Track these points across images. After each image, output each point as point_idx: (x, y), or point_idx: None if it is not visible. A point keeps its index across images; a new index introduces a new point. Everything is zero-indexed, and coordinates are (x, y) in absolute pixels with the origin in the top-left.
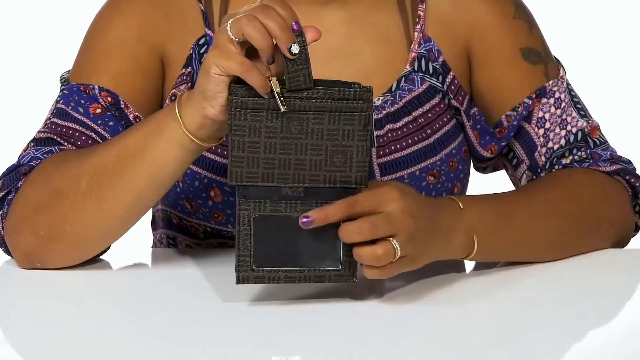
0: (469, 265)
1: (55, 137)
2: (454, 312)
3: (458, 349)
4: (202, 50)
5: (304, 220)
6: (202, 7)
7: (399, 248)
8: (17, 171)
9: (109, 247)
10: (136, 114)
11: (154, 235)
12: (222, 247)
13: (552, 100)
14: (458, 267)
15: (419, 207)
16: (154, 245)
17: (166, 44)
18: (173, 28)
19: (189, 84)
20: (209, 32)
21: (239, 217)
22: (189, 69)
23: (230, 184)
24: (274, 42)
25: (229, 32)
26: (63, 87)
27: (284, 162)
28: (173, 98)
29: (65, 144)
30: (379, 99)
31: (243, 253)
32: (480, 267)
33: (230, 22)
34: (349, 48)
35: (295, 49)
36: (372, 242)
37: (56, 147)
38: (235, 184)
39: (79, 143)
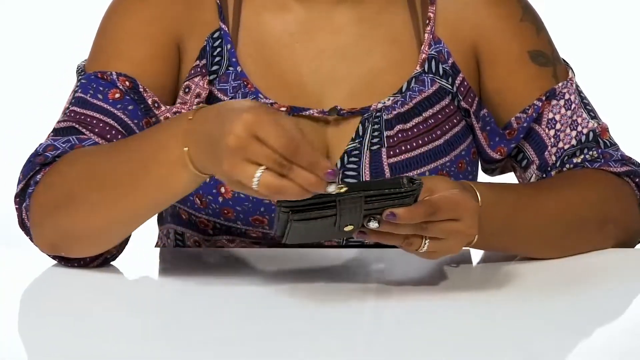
0: (474, 260)
1: (74, 125)
2: (457, 312)
3: (460, 348)
4: (216, 44)
5: (389, 215)
6: (218, 1)
7: (425, 247)
8: (34, 161)
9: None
10: (155, 98)
11: (160, 230)
12: (226, 248)
13: (562, 102)
14: (462, 264)
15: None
16: (160, 240)
17: (184, 34)
18: (191, 19)
19: (202, 76)
20: (223, 26)
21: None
22: (203, 61)
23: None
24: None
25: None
26: (80, 77)
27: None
28: (187, 90)
29: (85, 131)
30: (389, 99)
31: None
32: (484, 263)
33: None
34: (360, 48)
35: (332, 188)
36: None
37: (74, 137)
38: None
39: (97, 130)
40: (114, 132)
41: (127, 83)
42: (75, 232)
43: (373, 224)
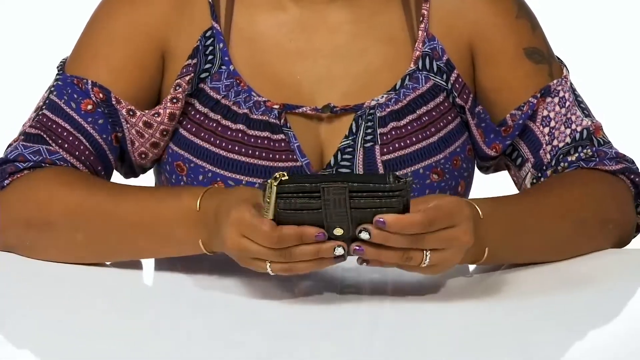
0: (472, 265)
1: (44, 135)
2: (456, 313)
3: (460, 349)
4: (208, 43)
5: (379, 222)
6: (210, 0)
7: (427, 260)
8: (4, 169)
9: None
10: (129, 107)
11: None
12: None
13: (556, 100)
14: (462, 268)
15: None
16: None
17: (171, 37)
18: (180, 20)
19: (193, 74)
20: (215, 24)
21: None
22: (194, 60)
23: None
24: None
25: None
26: (58, 75)
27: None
28: (178, 88)
29: (53, 145)
30: (382, 96)
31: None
32: (483, 268)
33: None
34: (355, 47)
35: (339, 251)
36: None
37: (43, 149)
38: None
39: (66, 145)
40: (82, 147)
41: (100, 95)
42: (43, 254)
43: (364, 235)
